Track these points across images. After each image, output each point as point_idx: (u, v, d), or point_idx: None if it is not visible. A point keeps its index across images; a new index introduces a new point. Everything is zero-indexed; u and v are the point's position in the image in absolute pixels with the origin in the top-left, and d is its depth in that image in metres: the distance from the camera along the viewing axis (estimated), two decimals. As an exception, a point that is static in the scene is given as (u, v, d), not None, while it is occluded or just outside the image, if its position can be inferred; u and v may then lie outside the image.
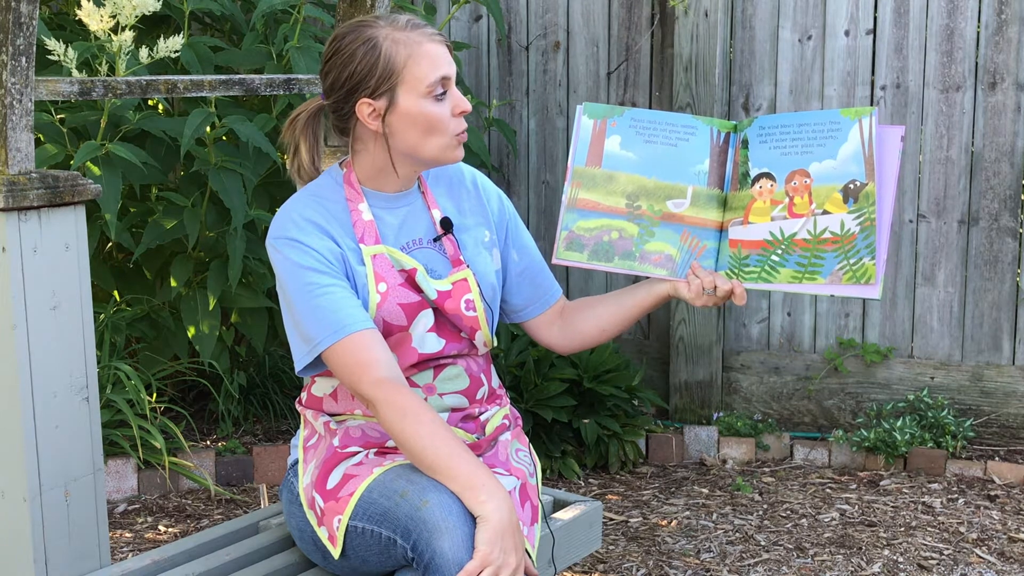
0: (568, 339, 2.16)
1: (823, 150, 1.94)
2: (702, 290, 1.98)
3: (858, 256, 1.91)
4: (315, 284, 1.90)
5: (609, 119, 2.03)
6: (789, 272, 1.95)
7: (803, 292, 1.97)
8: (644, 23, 3.98)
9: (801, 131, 1.96)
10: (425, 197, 2.06)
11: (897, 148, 1.92)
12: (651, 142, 2.02)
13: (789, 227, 1.95)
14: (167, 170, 3.48)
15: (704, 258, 2.01)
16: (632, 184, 2.02)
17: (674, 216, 2.01)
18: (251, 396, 3.89)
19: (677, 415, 3.98)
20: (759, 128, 1.99)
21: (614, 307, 2.11)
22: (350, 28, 1.95)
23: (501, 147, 4.19)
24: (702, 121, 2.03)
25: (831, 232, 1.93)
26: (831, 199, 1.93)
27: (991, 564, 3.01)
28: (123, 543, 3.13)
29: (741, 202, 1.99)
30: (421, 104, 1.92)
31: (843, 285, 1.92)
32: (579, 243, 2.02)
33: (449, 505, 1.77)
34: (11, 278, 1.99)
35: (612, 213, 2.02)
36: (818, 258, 1.94)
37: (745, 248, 1.98)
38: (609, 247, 2.02)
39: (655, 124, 2.03)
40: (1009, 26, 3.62)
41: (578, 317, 2.15)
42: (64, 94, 2.14)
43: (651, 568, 3.01)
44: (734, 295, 1.97)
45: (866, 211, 1.91)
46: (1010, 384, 3.73)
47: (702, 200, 2.01)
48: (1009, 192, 3.68)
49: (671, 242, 2.01)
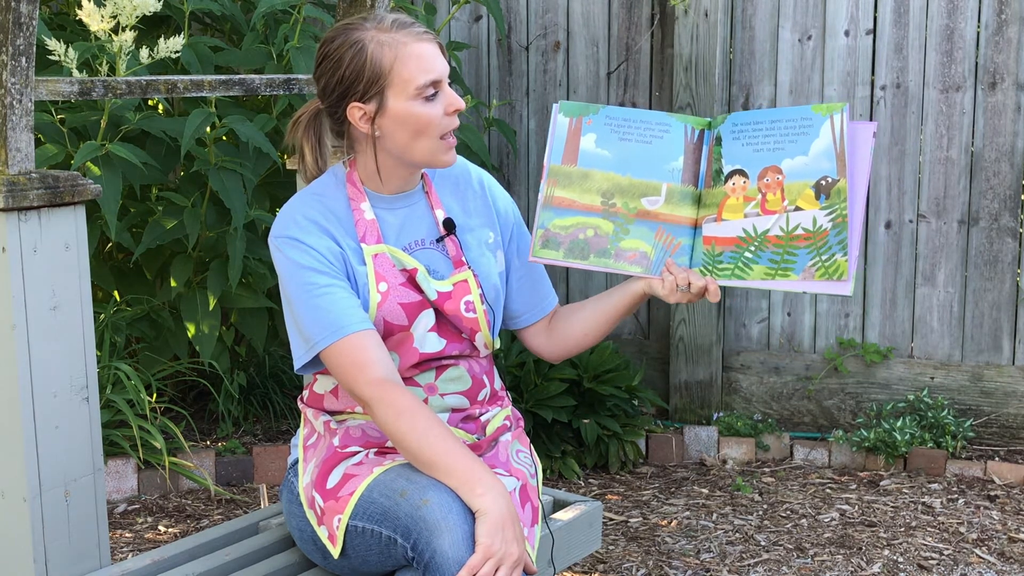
0: (554, 346, 2.17)
1: (795, 146, 1.95)
2: (676, 287, 1.99)
3: (830, 252, 1.92)
4: (314, 284, 1.90)
5: (585, 117, 2.03)
6: (762, 269, 1.96)
7: (776, 289, 1.97)
8: (644, 23, 3.98)
9: (773, 128, 1.96)
10: (429, 197, 2.06)
11: (869, 144, 1.93)
12: (626, 140, 2.03)
13: (762, 224, 1.96)
14: (167, 170, 3.48)
15: (679, 255, 2.02)
16: (607, 182, 2.03)
17: (649, 213, 2.02)
18: (251, 396, 3.89)
19: (677, 415, 3.98)
20: (732, 125, 2.00)
21: (593, 311, 2.12)
22: (337, 32, 1.95)
23: (501, 147, 4.20)
24: (676, 118, 2.04)
25: (803, 228, 1.94)
26: (803, 195, 1.94)
27: (991, 564, 3.01)
28: (123, 543, 3.13)
29: (715, 199, 2.00)
30: (411, 106, 1.91)
31: (815, 281, 1.93)
32: (555, 241, 2.03)
33: (449, 504, 1.78)
34: (11, 278, 1.99)
35: (587, 211, 2.03)
36: (791, 255, 1.94)
37: (719, 245, 1.99)
38: (584, 245, 2.02)
39: (630, 122, 2.04)
40: (1009, 26, 3.62)
41: (562, 323, 2.16)
42: (64, 94, 2.14)
43: (651, 568, 3.01)
44: (708, 292, 1.98)
45: (838, 207, 1.92)
46: (1010, 384, 3.73)
47: (676, 197, 2.02)
48: (1009, 192, 3.68)
49: (646, 239, 2.02)
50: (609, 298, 2.10)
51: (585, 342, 2.14)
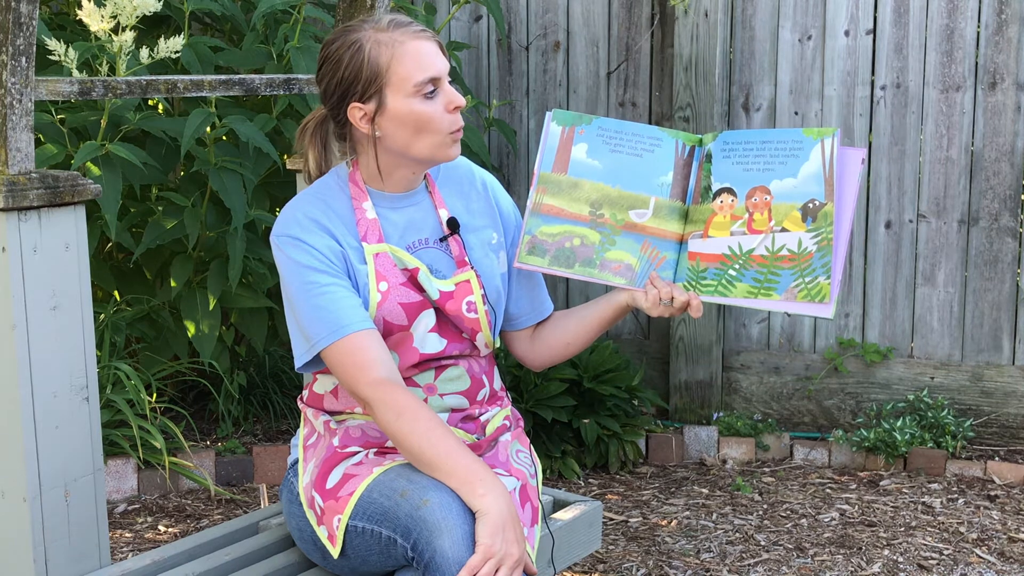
0: (537, 354, 2.17)
1: (784, 168, 1.96)
2: (659, 300, 2.00)
3: (813, 275, 1.93)
4: (315, 283, 1.91)
5: (577, 127, 2.05)
6: (745, 287, 1.97)
7: (758, 308, 1.99)
8: (644, 23, 3.98)
9: (764, 148, 1.98)
10: (432, 196, 2.06)
11: (857, 170, 1.95)
12: (617, 151, 2.05)
13: (747, 243, 1.97)
14: (167, 170, 3.48)
15: (663, 269, 2.03)
16: (596, 192, 2.04)
17: (636, 226, 2.04)
18: (251, 396, 3.89)
19: (677, 415, 3.98)
20: (723, 143, 2.01)
21: (575, 321, 2.13)
22: (337, 34, 1.96)
23: (501, 147, 4.20)
24: (668, 133, 2.05)
25: (788, 250, 1.95)
26: (790, 217, 1.95)
27: (991, 564, 3.01)
28: (123, 543, 3.13)
29: (702, 215, 2.01)
30: (410, 104, 1.92)
31: (797, 303, 1.94)
32: (541, 248, 2.04)
33: (449, 504, 1.78)
34: (11, 278, 1.99)
35: (575, 220, 2.04)
36: (774, 275, 1.96)
37: (703, 261, 2.00)
38: (570, 253, 2.03)
39: (622, 134, 2.05)
40: (1009, 26, 3.62)
41: (546, 332, 2.17)
42: (64, 94, 2.14)
43: (651, 568, 3.01)
44: (690, 307, 1.99)
45: (824, 231, 1.93)
46: (1010, 384, 3.73)
47: (664, 211, 2.03)
48: (1009, 192, 3.68)
49: (631, 251, 2.03)
50: (592, 309, 2.11)
51: (567, 352, 2.15)
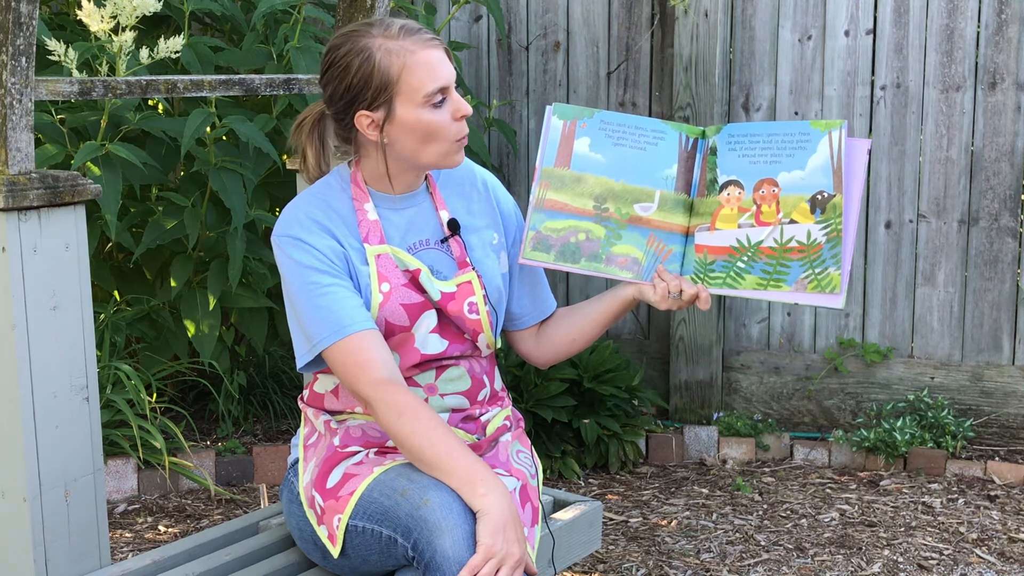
0: (542, 352, 2.17)
1: (792, 160, 1.96)
2: (667, 293, 1.99)
3: (823, 266, 1.94)
4: (316, 283, 1.91)
5: (579, 120, 2.04)
6: (754, 279, 1.97)
7: (767, 299, 2.00)
8: (644, 23, 3.98)
9: (771, 141, 1.98)
10: (433, 197, 2.06)
11: (863, 161, 1.95)
12: (620, 145, 2.04)
13: (756, 235, 1.97)
14: (167, 170, 3.48)
15: (670, 262, 2.03)
16: (600, 186, 2.03)
17: (641, 220, 2.03)
18: (251, 396, 3.89)
19: (677, 415, 3.98)
20: (728, 136, 2.01)
21: (581, 316, 2.12)
22: (345, 38, 1.94)
23: (501, 147, 4.20)
24: (671, 126, 2.05)
25: (797, 241, 1.95)
26: (798, 209, 1.95)
27: (991, 564, 3.01)
28: (123, 543, 3.13)
29: (708, 208, 2.01)
30: (419, 113, 1.91)
31: (808, 293, 1.94)
32: (546, 243, 2.03)
33: (450, 504, 1.78)
34: (11, 278, 1.99)
35: (580, 215, 2.03)
36: (784, 266, 1.96)
37: (711, 254, 2.00)
38: (576, 248, 2.03)
39: (624, 127, 2.05)
40: (1009, 26, 3.62)
41: (550, 329, 2.16)
42: (64, 94, 2.14)
43: (651, 568, 3.01)
44: (699, 299, 1.98)
45: (833, 222, 1.93)
46: (1010, 384, 3.73)
47: (669, 204, 2.03)
48: (1009, 192, 3.68)
49: (637, 245, 2.03)
50: (597, 304, 2.10)
51: (572, 348, 2.14)
